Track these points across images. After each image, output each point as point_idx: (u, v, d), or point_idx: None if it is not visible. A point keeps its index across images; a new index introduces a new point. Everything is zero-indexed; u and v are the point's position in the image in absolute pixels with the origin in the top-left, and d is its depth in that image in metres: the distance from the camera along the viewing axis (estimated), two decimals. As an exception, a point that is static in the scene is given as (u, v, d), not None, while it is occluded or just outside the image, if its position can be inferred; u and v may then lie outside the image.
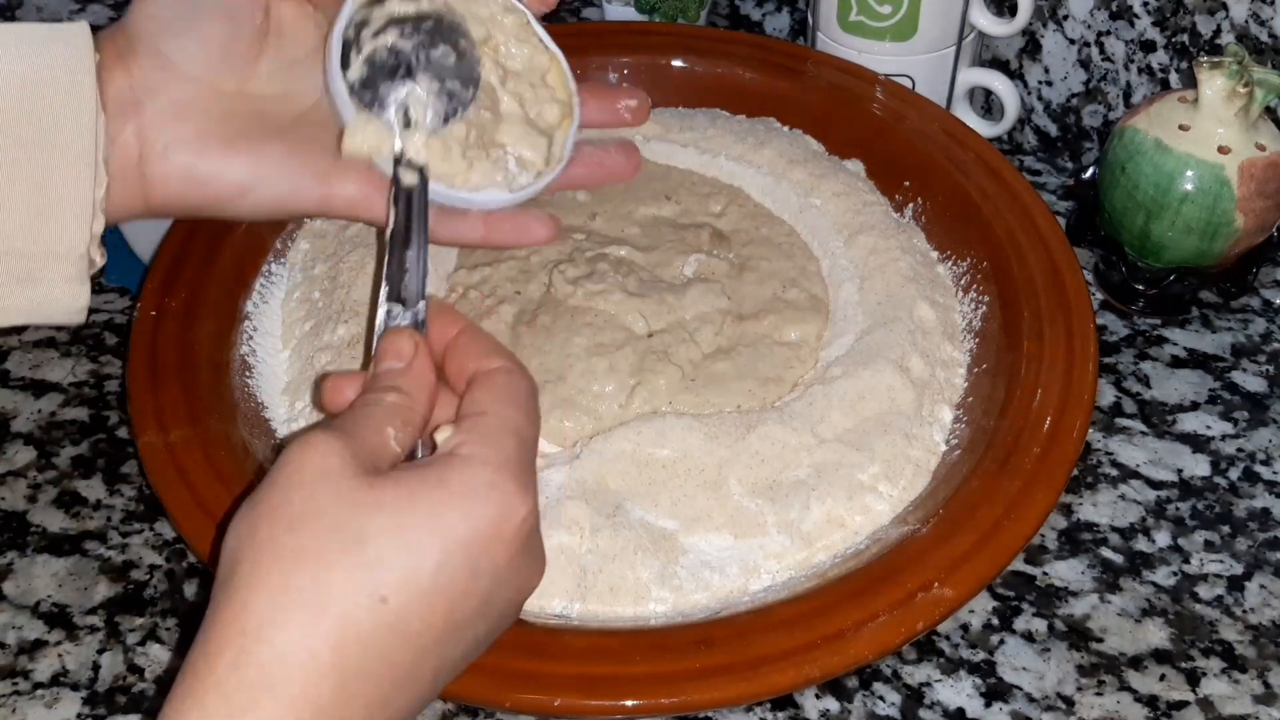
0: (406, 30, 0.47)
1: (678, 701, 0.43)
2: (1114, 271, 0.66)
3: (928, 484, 0.52)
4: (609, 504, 0.50)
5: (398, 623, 0.34)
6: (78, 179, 0.44)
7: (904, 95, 0.68)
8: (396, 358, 0.41)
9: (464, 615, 0.36)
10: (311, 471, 0.36)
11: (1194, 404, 0.62)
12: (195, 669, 0.34)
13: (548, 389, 0.55)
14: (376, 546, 0.35)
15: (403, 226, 0.45)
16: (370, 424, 0.38)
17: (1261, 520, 0.56)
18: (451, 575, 0.35)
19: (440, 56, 0.48)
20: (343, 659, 0.34)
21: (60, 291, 0.45)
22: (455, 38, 0.48)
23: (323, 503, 0.35)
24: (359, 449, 0.37)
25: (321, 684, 0.33)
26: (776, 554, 0.50)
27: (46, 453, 0.61)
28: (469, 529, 0.36)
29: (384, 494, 0.36)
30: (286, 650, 0.33)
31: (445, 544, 0.35)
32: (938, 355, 0.57)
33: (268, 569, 0.34)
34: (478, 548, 0.36)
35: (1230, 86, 0.59)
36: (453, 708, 0.50)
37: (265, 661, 0.33)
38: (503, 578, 0.37)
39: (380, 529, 0.35)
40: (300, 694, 0.33)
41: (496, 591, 0.37)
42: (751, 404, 0.55)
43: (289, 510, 0.35)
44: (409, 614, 0.35)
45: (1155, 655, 0.51)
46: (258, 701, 0.33)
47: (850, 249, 0.62)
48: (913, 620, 0.45)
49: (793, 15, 0.87)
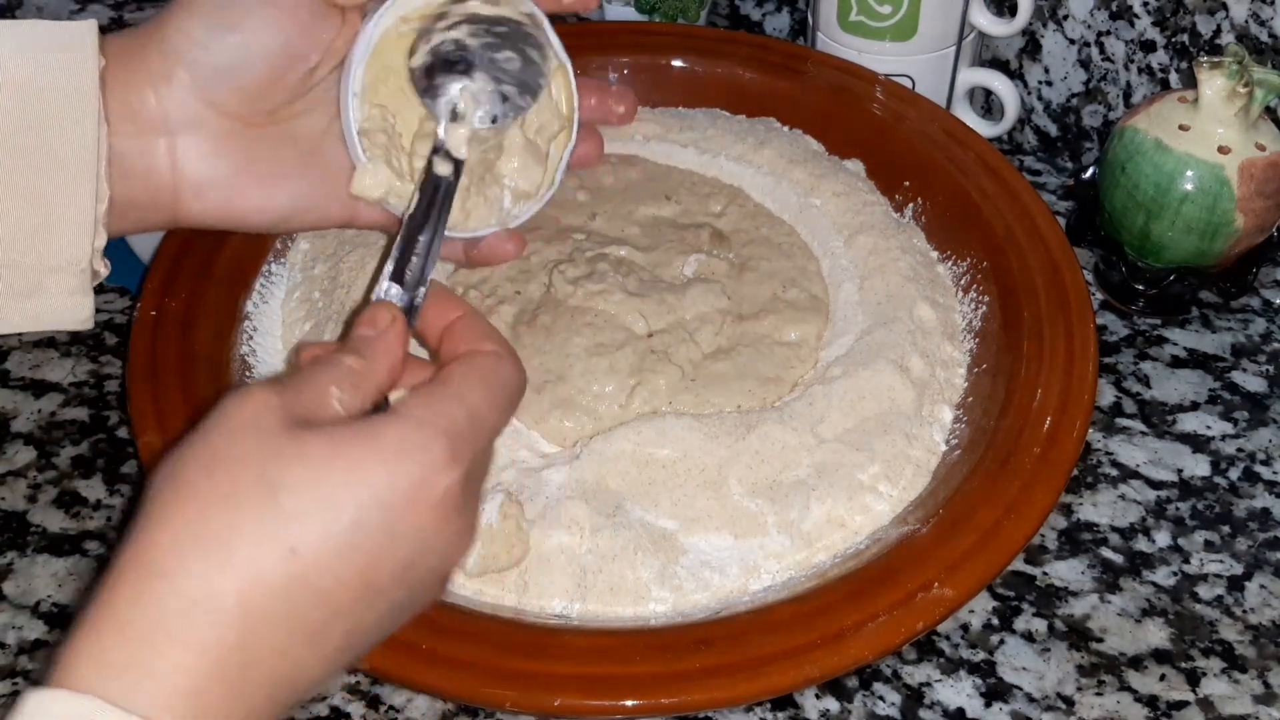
0: (478, 30, 0.48)
1: (678, 701, 0.43)
2: (1114, 271, 0.66)
3: (928, 484, 0.52)
4: (609, 504, 0.50)
5: (308, 577, 0.33)
6: (78, 193, 0.44)
7: (904, 95, 0.68)
8: (370, 326, 0.40)
9: (380, 579, 0.35)
10: (240, 419, 0.35)
11: (1194, 404, 0.62)
12: (97, 603, 0.33)
13: (547, 389, 0.55)
14: (293, 497, 0.33)
15: (422, 211, 0.45)
16: (315, 381, 0.37)
17: (1261, 520, 0.56)
18: (368, 534, 0.34)
19: (504, 60, 0.49)
20: (247, 607, 0.32)
21: (62, 303, 0.46)
22: (525, 46, 0.49)
23: (245, 449, 0.34)
24: (295, 403, 0.36)
25: (224, 629, 0.32)
26: (776, 554, 0.50)
27: (46, 453, 0.61)
28: (389, 489, 0.35)
29: (307, 445, 0.34)
30: (188, 590, 0.32)
31: (363, 502, 0.34)
32: (938, 355, 0.57)
33: (180, 508, 0.33)
34: (398, 510, 0.35)
35: (1230, 86, 0.59)
36: (453, 708, 0.50)
37: (165, 599, 0.32)
38: (426, 544, 0.36)
39: (298, 479, 0.34)
40: (200, 637, 0.32)
41: (418, 559, 0.36)
42: (751, 404, 0.55)
43: (210, 453, 0.34)
44: (320, 569, 0.34)
45: (1155, 655, 0.51)
46: (154, 640, 0.32)
47: (850, 249, 0.62)
48: (913, 620, 0.45)
49: (793, 15, 0.87)
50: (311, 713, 0.50)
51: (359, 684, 0.51)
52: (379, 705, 0.50)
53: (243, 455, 0.34)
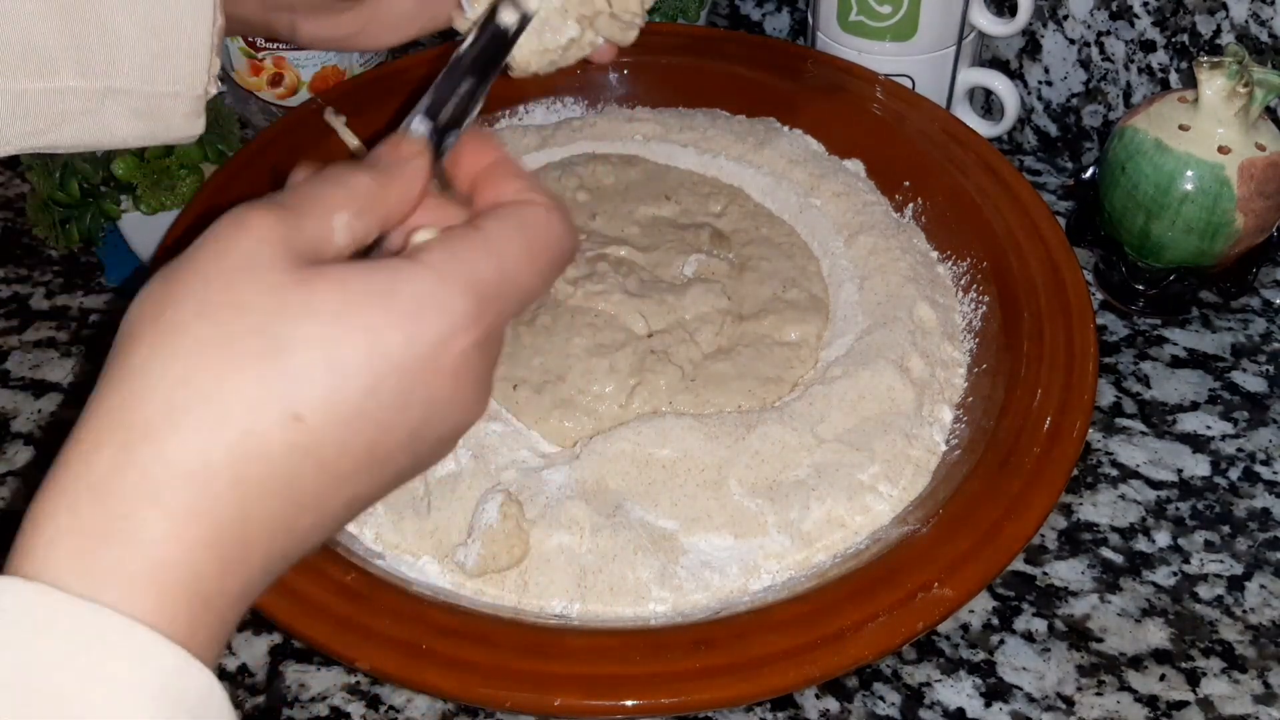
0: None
1: (678, 701, 0.43)
2: (1114, 271, 0.66)
3: (928, 484, 0.52)
4: (609, 504, 0.50)
5: (312, 446, 0.30)
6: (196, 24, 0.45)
7: (904, 95, 0.68)
8: (391, 150, 0.35)
9: (387, 448, 0.32)
10: (239, 256, 0.30)
11: (1194, 404, 0.62)
12: (69, 465, 0.29)
13: (547, 389, 0.55)
14: (301, 359, 0.29)
15: (474, 56, 0.42)
16: (319, 205, 0.32)
17: (1261, 520, 0.56)
18: (379, 403, 0.31)
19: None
20: (243, 475, 0.29)
21: (177, 125, 0.47)
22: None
23: (246, 295, 0.30)
24: (297, 233, 0.31)
25: (216, 500, 0.29)
26: (776, 554, 0.50)
27: (47, 453, 0.61)
28: (405, 353, 0.31)
29: (316, 296, 0.30)
30: (178, 455, 0.28)
31: (378, 368, 0.30)
32: (938, 355, 0.57)
33: (169, 358, 0.29)
34: (414, 376, 0.31)
35: (1230, 86, 0.59)
36: (453, 708, 0.50)
37: (149, 464, 0.28)
38: (438, 411, 0.32)
39: (307, 339, 0.30)
40: (190, 507, 0.28)
41: (427, 425, 0.32)
42: (751, 404, 0.55)
43: (206, 296, 0.30)
44: (325, 438, 0.30)
45: (1155, 655, 0.51)
46: (138, 510, 0.28)
47: (850, 249, 0.62)
48: (913, 620, 0.45)
49: (793, 15, 0.87)
50: (311, 713, 0.50)
51: (359, 684, 0.51)
52: (379, 705, 0.50)
53: (243, 303, 0.30)
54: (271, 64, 0.74)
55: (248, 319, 0.30)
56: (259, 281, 0.30)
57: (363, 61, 0.76)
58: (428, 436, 0.33)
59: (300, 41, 0.53)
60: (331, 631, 0.44)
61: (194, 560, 0.28)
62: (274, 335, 0.30)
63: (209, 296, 0.30)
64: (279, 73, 0.74)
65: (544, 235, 0.35)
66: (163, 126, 0.46)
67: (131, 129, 0.46)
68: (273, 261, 0.30)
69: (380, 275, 0.31)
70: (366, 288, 0.31)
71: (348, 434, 0.30)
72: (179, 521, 0.28)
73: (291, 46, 0.73)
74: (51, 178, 0.63)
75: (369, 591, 0.46)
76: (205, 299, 0.30)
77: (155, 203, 0.63)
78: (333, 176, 0.33)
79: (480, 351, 0.33)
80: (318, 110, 0.67)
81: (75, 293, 0.71)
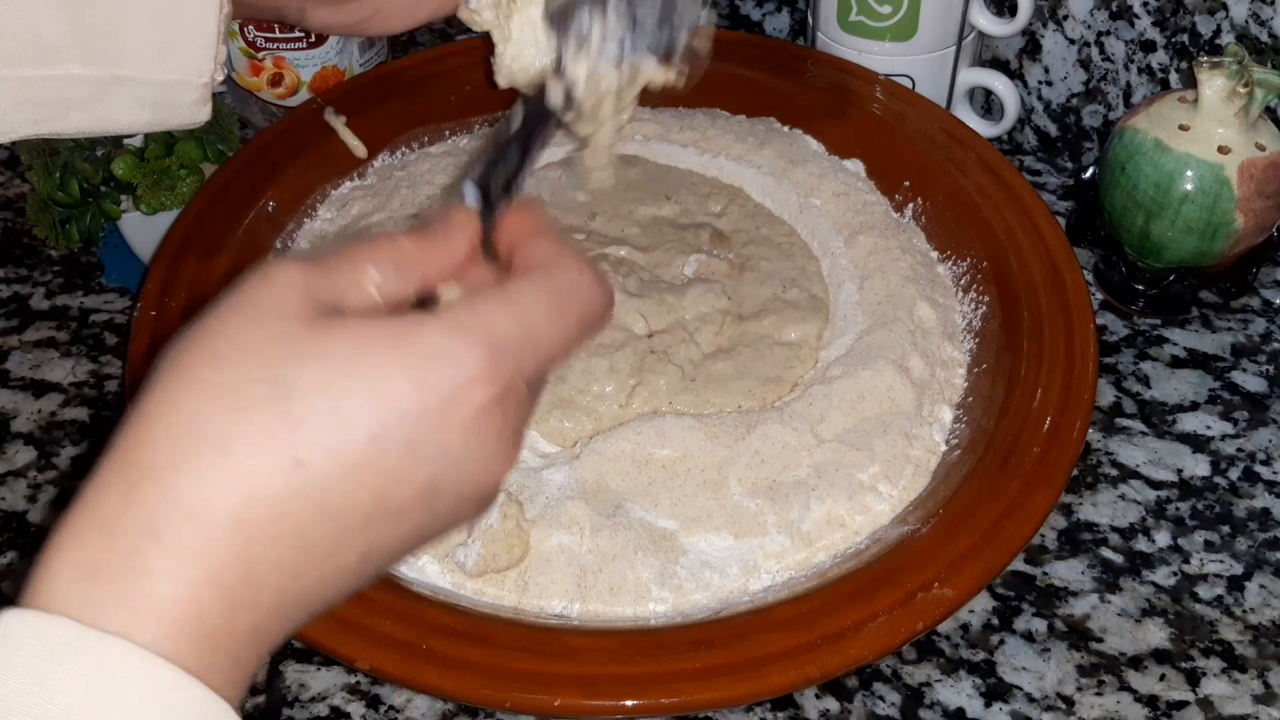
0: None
1: (678, 701, 0.43)
2: (1114, 271, 0.66)
3: (928, 484, 0.52)
4: (609, 504, 0.50)
5: (315, 493, 0.30)
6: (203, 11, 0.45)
7: (904, 95, 0.68)
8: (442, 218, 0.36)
9: (399, 500, 0.31)
10: (260, 303, 0.31)
11: (1194, 404, 0.62)
12: (82, 503, 0.30)
13: (547, 389, 0.55)
14: (305, 402, 0.29)
15: (524, 131, 0.42)
16: (353, 259, 0.33)
17: (1261, 520, 0.56)
18: (385, 451, 0.30)
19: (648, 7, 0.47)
20: (245, 520, 0.29)
21: (184, 112, 0.47)
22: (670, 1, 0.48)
23: (258, 339, 0.30)
24: (323, 284, 0.32)
25: (219, 543, 0.29)
26: (776, 554, 0.50)
27: (46, 453, 0.61)
28: (416, 402, 0.30)
29: (328, 342, 0.30)
30: (180, 496, 0.29)
31: (384, 415, 0.30)
32: (938, 355, 0.57)
33: (179, 400, 0.30)
34: (423, 426, 0.31)
35: (1230, 86, 0.59)
36: (453, 708, 0.50)
37: (154, 503, 0.29)
38: (455, 465, 0.32)
39: (312, 383, 0.30)
40: (193, 549, 0.28)
41: (444, 480, 0.32)
42: (751, 404, 0.55)
43: (220, 341, 0.31)
44: (329, 485, 0.30)
45: (1155, 655, 0.51)
46: (142, 547, 0.28)
47: (850, 249, 0.62)
48: (913, 620, 0.45)
49: (793, 15, 0.87)
50: (311, 713, 0.50)
51: (359, 684, 0.51)
52: (379, 705, 0.50)
53: (254, 347, 0.30)
54: (271, 64, 0.74)
55: (257, 364, 0.30)
56: (273, 328, 0.30)
57: (362, 62, 0.76)
58: (445, 492, 0.32)
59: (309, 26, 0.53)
60: (331, 631, 0.44)
61: (197, 598, 0.29)
62: (281, 380, 0.30)
63: (224, 341, 0.30)
64: (279, 73, 0.74)
65: (572, 294, 0.34)
66: (169, 114, 0.46)
67: (138, 116, 0.46)
68: (291, 310, 0.31)
69: (393, 325, 0.31)
70: (378, 336, 0.31)
71: (352, 482, 0.30)
72: (181, 559, 0.28)
73: (293, 46, 0.72)
74: (51, 178, 0.63)
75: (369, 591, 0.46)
76: (219, 344, 0.30)
77: (155, 203, 0.63)
78: (376, 239, 0.34)
79: (500, 407, 0.32)
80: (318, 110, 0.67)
81: (75, 293, 0.71)
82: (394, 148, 0.68)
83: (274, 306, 0.31)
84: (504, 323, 0.32)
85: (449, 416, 0.31)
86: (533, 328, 0.33)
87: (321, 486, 0.30)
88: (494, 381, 0.31)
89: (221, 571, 0.29)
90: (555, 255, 0.35)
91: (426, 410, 0.31)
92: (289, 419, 0.29)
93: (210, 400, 0.30)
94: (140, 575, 0.28)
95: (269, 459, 0.29)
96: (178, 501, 0.29)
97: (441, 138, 0.70)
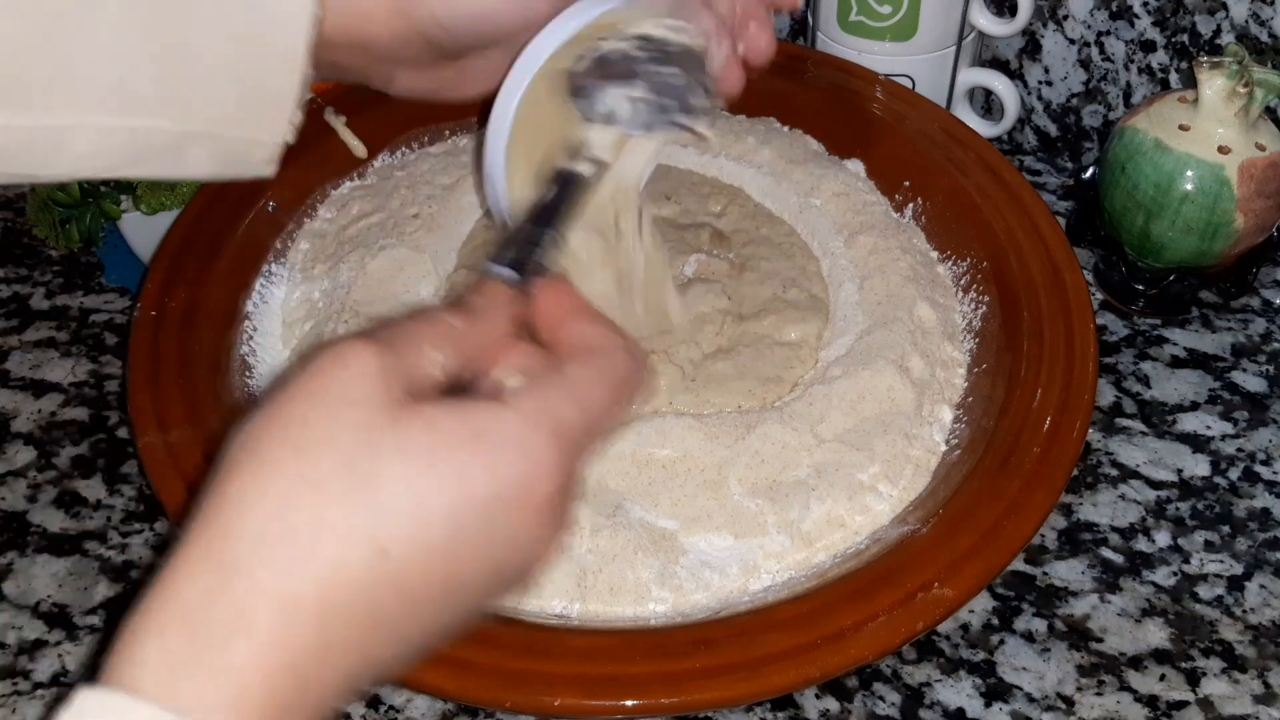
0: (648, 45, 0.48)
1: (678, 701, 0.43)
2: (1114, 271, 0.66)
3: (928, 484, 0.52)
4: (609, 504, 0.50)
5: (394, 577, 0.31)
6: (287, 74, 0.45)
7: (904, 95, 0.68)
8: (480, 294, 0.37)
9: (468, 578, 0.33)
10: (338, 390, 0.32)
11: (1194, 404, 0.62)
12: (164, 593, 0.30)
13: (548, 389, 0.55)
14: (388, 493, 0.31)
15: (552, 204, 0.43)
16: (414, 341, 0.34)
17: (1261, 520, 0.56)
18: (460, 538, 0.32)
19: (669, 75, 0.48)
20: (327, 605, 0.30)
21: (252, 168, 0.47)
22: (693, 67, 0.49)
23: (341, 430, 0.31)
24: (396, 368, 0.33)
25: (302, 628, 0.30)
26: (776, 554, 0.50)
27: (46, 453, 0.61)
28: (491, 490, 0.32)
29: (407, 435, 0.32)
30: (268, 588, 0.30)
31: (461, 502, 0.32)
32: (938, 355, 0.57)
33: (263, 493, 0.31)
34: (496, 514, 0.33)
35: (1230, 86, 0.59)
36: (453, 707, 0.50)
37: (243, 597, 0.30)
38: (519, 547, 0.34)
39: (395, 476, 0.31)
40: (278, 638, 0.30)
41: (507, 559, 0.34)
42: (751, 404, 0.55)
43: (303, 430, 0.32)
44: (408, 568, 0.31)
45: (1155, 655, 0.51)
46: (229, 642, 0.29)
47: (850, 249, 0.62)
48: (913, 620, 0.45)
49: (793, 15, 0.87)
50: (311, 713, 0.50)
51: (359, 684, 0.51)
52: (379, 705, 0.50)
53: (336, 438, 0.31)
54: (271, 64, 0.74)
55: (340, 454, 0.31)
56: (354, 419, 0.32)
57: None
58: (507, 569, 0.34)
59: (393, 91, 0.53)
60: (331, 631, 0.44)
61: (274, 686, 0.30)
62: (365, 473, 0.31)
63: (306, 431, 0.32)
64: (279, 73, 0.74)
65: (625, 380, 0.36)
66: (238, 168, 0.47)
67: (208, 169, 0.46)
68: (368, 399, 0.32)
69: (468, 417, 0.33)
70: (456, 429, 0.32)
71: (427, 564, 0.32)
72: (265, 650, 0.30)
73: None
74: (51, 178, 0.63)
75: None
76: (301, 434, 0.32)
77: (155, 203, 0.63)
78: (426, 317, 0.35)
79: (563, 494, 0.34)
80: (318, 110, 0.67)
81: (75, 293, 0.71)
82: (394, 148, 0.68)
83: (352, 396, 0.32)
84: (569, 414, 0.34)
85: (521, 504, 0.33)
86: (594, 416, 0.35)
87: (402, 570, 0.31)
88: (561, 471, 0.34)
89: (301, 656, 0.30)
90: (605, 338, 0.37)
91: (500, 498, 0.32)
92: (374, 511, 0.31)
93: (297, 494, 0.31)
94: (225, 667, 0.29)
95: (354, 548, 0.31)
96: (266, 596, 0.30)
97: (441, 138, 0.69)
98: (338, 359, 0.33)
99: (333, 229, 0.64)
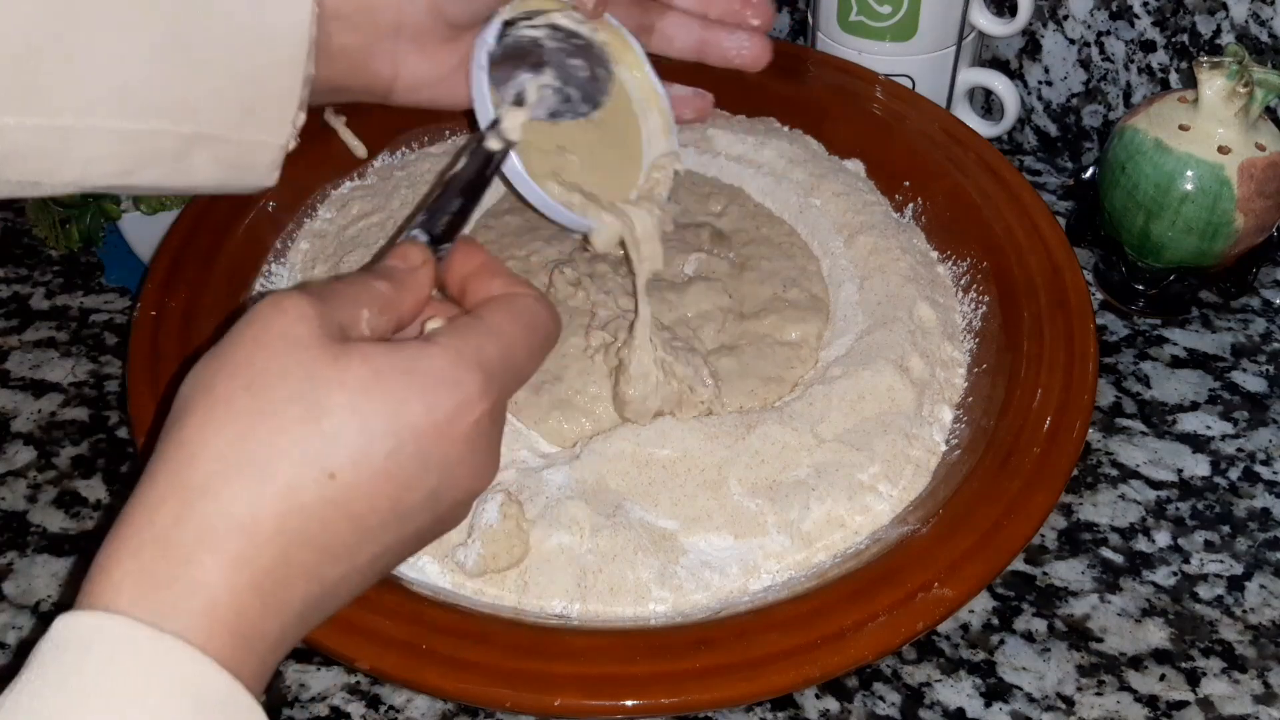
0: (558, 35, 0.53)
1: (678, 701, 0.43)
2: (1114, 271, 0.66)
3: (928, 484, 0.52)
4: (609, 504, 0.50)
5: (343, 500, 0.34)
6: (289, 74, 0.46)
7: (904, 95, 0.68)
8: (401, 259, 0.41)
9: (409, 505, 0.36)
10: (278, 333, 0.35)
11: (1194, 404, 0.62)
12: (133, 521, 0.33)
13: (546, 390, 0.55)
14: (333, 422, 0.34)
15: (467, 178, 0.47)
16: (347, 298, 0.38)
17: (1261, 520, 0.56)
18: (401, 463, 0.35)
19: (575, 69, 0.53)
20: (285, 527, 0.33)
21: (257, 175, 0.48)
22: (596, 64, 0.54)
23: (286, 366, 0.35)
24: (330, 318, 0.36)
25: (262, 549, 0.33)
26: (776, 554, 0.50)
27: (46, 453, 0.61)
28: (426, 419, 0.36)
29: (348, 370, 0.35)
30: (230, 509, 0.33)
31: (400, 431, 0.35)
32: (938, 355, 0.57)
33: (219, 426, 0.34)
34: (431, 440, 0.36)
35: (1230, 86, 0.59)
36: (453, 708, 0.50)
37: (208, 517, 0.33)
38: (453, 474, 0.37)
39: (338, 404, 0.34)
40: (240, 555, 0.33)
41: (444, 487, 0.37)
42: (751, 404, 0.55)
43: (250, 369, 0.35)
44: (355, 493, 0.34)
45: (1155, 655, 0.51)
46: (196, 557, 0.32)
47: (850, 249, 0.62)
48: (913, 620, 0.45)
49: (793, 15, 0.87)
50: (311, 713, 0.50)
51: (359, 684, 0.51)
52: (379, 705, 0.50)
53: (284, 373, 0.34)
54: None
55: (289, 388, 0.34)
56: (297, 356, 0.35)
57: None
58: (445, 497, 0.38)
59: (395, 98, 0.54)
60: (331, 631, 0.44)
61: (240, 603, 0.32)
62: (311, 403, 0.34)
63: (253, 369, 0.35)
64: (279, 73, 0.74)
65: (535, 320, 0.40)
66: (242, 174, 0.48)
67: (212, 174, 0.47)
68: (308, 338, 0.35)
69: (403, 354, 0.36)
70: (392, 364, 0.36)
71: (373, 490, 0.35)
72: (231, 568, 0.32)
73: None
74: (51, 178, 0.63)
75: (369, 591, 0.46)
76: (250, 371, 0.35)
77: (155, 203, 0.63)
78: (356, 280, 0.39)
79: (490, 421, 0.38)
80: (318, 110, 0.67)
81: (75, 293, 0.71)
82: (394, 148, 0.68)
83: (292, 336, 0.35)
84: (490, 349, 0.38)
85: (452, 431, 0.36)
86: (511, 351, 0.39)
87: (350, 495, 0.34)
88: (486, 400, 0.37)
89: (262, 576, 0.33)
90: (511, 286, 0.41)
91: (434, 425, 0.36)
92: (322, 437, 0.34)
93: (250, 424, 0.34)
94: (195, 583, 0.32)
95: (305, 472, 0.34)
96: (230, 516, 0.33)
97: (441, 138, 0.69)
98: (276, 305, 0.36)
99: (333, 229, 0.64)
